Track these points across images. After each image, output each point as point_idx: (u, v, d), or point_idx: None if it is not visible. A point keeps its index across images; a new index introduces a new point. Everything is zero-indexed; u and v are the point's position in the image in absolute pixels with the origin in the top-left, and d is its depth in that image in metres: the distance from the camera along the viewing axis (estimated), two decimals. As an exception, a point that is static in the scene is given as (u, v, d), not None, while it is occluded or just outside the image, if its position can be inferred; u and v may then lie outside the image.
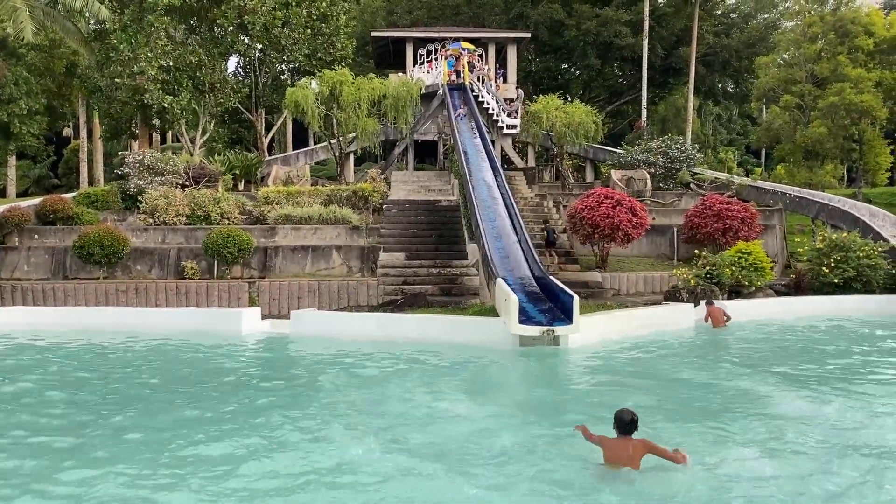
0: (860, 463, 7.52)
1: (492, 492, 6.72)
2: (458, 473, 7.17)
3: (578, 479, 7.06)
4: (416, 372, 12.60)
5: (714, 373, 12.65)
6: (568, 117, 31.44)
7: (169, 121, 33.68)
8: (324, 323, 17.34)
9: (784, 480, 7.06)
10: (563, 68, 54.13)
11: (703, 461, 7.50)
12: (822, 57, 38.16)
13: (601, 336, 15.66)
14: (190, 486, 6.86)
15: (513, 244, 20.65)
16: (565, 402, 10.79)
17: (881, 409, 9.88)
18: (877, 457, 7.74)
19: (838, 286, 21.41)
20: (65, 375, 12.64)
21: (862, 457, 7.73)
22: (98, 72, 33.17)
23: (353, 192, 26.77)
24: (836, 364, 13.23)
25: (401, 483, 6.94)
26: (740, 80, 54.76)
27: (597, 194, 23.30)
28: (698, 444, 8.13)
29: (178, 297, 21.29)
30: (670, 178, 31.38)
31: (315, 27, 37.59)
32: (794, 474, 7.23)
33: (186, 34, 35.42)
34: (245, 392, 11.08)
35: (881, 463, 7.54)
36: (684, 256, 24.26)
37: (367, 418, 9.33)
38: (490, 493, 6.68)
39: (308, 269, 23.08)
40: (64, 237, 23.92)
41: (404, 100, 30.74)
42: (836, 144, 37.33)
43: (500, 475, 7.14)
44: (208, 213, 25.03)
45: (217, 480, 7.02)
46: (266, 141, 41.89)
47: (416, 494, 6.71)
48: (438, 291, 21.18)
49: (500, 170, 25.67)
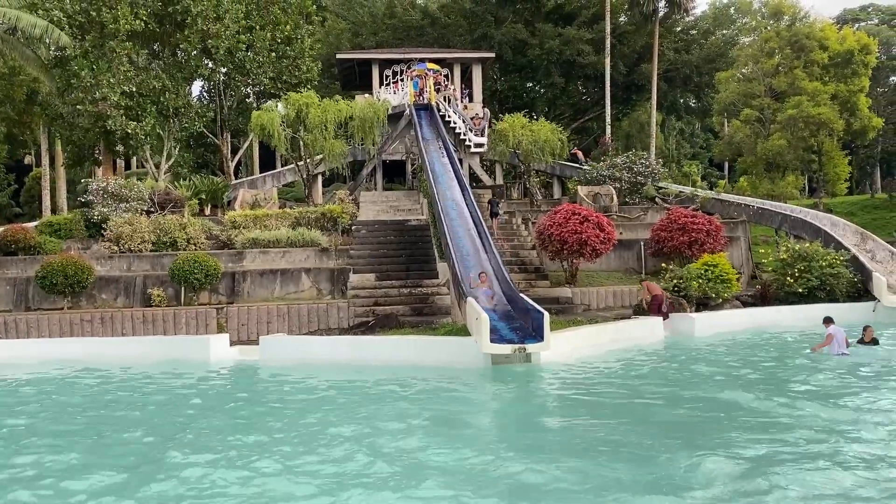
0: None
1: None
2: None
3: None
4: (385, 402, 12.05)
5: (685, 386, 12.76)
6: (534, 135, 31.69)
7: (133, 146, 33.27)
8: (293, 348, 17.16)
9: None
10: (527, 87, 54.66)
11: (673, 473, 7.54)
12: (779, 71, 39.10)
13: (573, 352, 15.74)
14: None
15: (483, 262, 20.69)
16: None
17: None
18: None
19: (803, 295, 21.80)
20: (14, 409, 12.25)
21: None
22: (59, 98, 32.71)
23: (321, 214, 26.64)
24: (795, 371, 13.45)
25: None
26: (701, 94, 55.79)
27: (564, 210, 23.49)
28: (669, 457, 8.18)
29: (145, 325, 20.94)
30: (636, 192, 31.75)
31: (280, 50, 37.55)
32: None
33: (149, 59, 35.13)
34: (197, 423, 10.82)
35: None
36: (652, 270, 24.52)
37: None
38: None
39: (277, 293, 22.88)
40: (26, 267, 23.41)
41: (371, 121, 30.76)
42: (796, 156, 38.18)
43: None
44: (174, 239, 24.72)
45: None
46: (232, 164, 41.59)
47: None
48: (410, 311, 21.11)
49: (468, 188, 25.77)
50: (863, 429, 9.37)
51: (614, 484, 7.31)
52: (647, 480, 7.41)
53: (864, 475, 7.44)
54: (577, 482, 7.41)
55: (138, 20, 31.37)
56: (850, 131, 39.58)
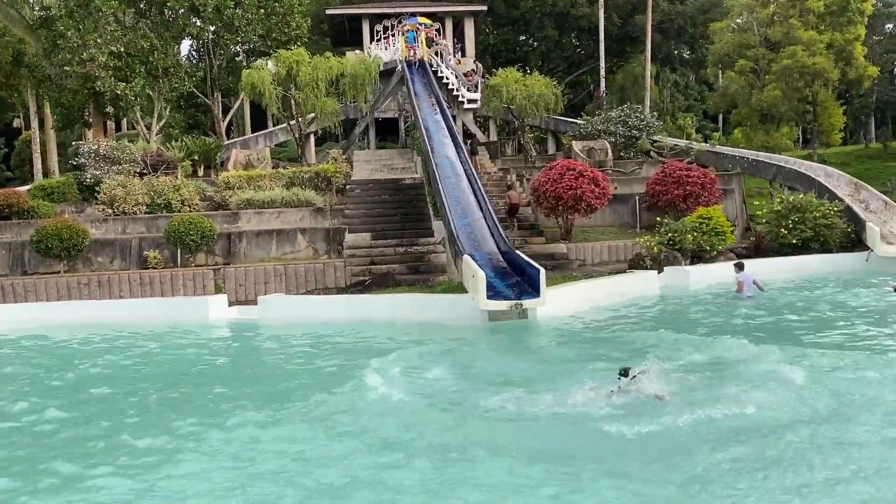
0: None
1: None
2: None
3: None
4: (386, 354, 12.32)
5: (682, 336, 12.91)
6: (528, 90, 31.40)
7: (123, 108, 32.88)
8: (291, 307, 17.30)
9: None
10: (520, 40, 53.95)
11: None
12: (774, 21, 38.65)
13: (569, 307, 15.88)
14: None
15: (478, 220, 20.70)
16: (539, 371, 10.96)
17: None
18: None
19: (797, 246, 21.94)
20: (19, 376, 12.36)
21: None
22: (46, 60, 32.19)
23: (315, 174, 26.54)
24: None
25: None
26: (696, 46, 55.17)
27: (559, 166, 23.44)
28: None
29: (143, 287, 21.00)
30: (631, 146, 31.66)
31: (268, 7, 36.88)
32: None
33: (136, 18, 34.48)
34: (206, 385, 10.96)
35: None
36: (647, 224, 24.61)
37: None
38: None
39: (273, 254, 22.92)
40: (20, 231, 23.35)
41: (363, 78, 30.40)
42: (791, 107, 37.99)
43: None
44: (168, 200, 24.62)
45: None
46: (224, 125, 41.18)
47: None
48: (406, 270, 21.21)
49: (462, 145, 25.62)
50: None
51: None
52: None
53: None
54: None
55: (123, -22, 30.77)
56: (845, 81, 39.31)
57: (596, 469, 6.69)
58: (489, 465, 6.87)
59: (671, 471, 6.57)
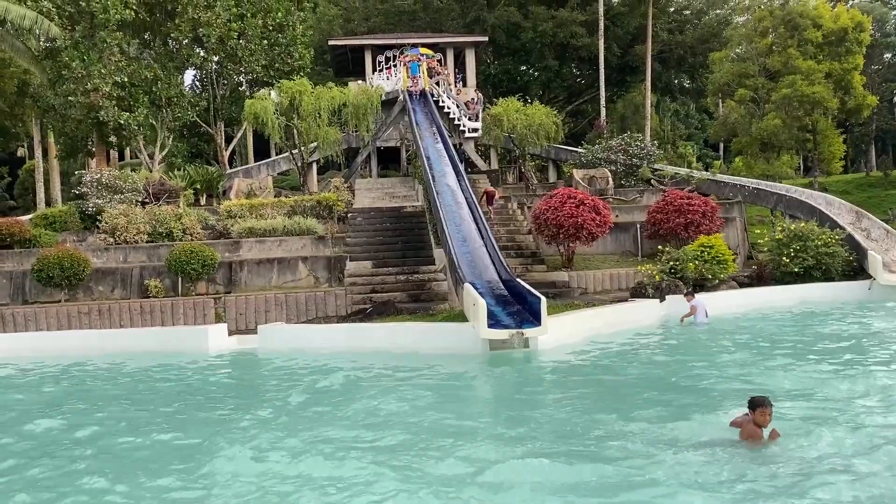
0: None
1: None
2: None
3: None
4: (382, 389, 12.01)
5: (681, 368, 12.82)
6: (528, 119, 31.61)
7: (126, 137, 33.12)
8: (291, 336, 17.21)
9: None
10: (521, 70, 54.45)
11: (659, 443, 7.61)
12: (773, 50, 38.92)
13: (570, 336, 15.78)
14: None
15: (479, 248, 20.71)
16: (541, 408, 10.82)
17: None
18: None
19: (799, 275, 21.87)
20: (13, 403, 12.26)
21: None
22: (51, 90, 32.52)
23: (317, 202, 26.60)
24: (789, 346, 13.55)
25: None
26: (696, 75, 55.60)
27: (560, 194, 23.48)
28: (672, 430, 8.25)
29: (143, 316, 20.94)
30: (631, 175, 31.72)
31: (272, 38, 37.31)
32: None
33: (140, 49, 34.92)
34: (194, 414, 10.80)
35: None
36: (648, 252, 24.55)
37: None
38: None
39: (274, 282, 22.89)
40: (22, 261, 23.37)
41: (365, 107, 30.66)
42: (791, 135, 38.10)
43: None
44: (170, 229, 24.67)
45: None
46: (227, 154, 41.43)
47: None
48: (407, 298, 21.14)
49: (463, 174, 25.73)
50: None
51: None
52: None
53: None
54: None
55: (128, 9, 31.10)
56: (844, 110, 39.47)
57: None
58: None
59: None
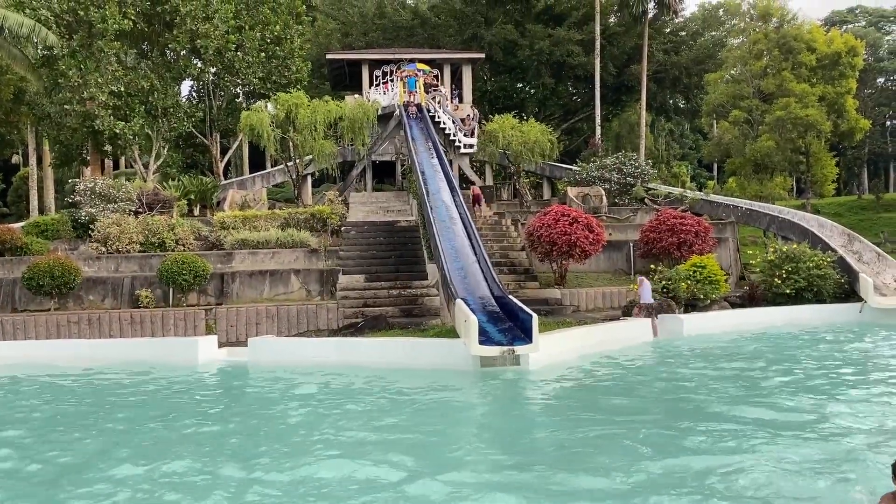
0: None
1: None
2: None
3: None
4: (368, 407, 11.97)
5: (672, 387, 12.80)
6: (524, 136, 31.73)
7: (121, 146, 33.11)
8: (282, 350, 17.12)
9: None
10: (517, 87, 54.75)
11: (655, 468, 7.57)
12: (767, 73, 39.29)
13: (561, 354, 15.75)
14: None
15: (472, 263, 20.68)
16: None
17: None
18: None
19: (790, 296, 21.90)
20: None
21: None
22: (47, 98, 32.52)
23: (311, 215, 26.58)
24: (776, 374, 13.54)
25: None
26: (690, 96, 56.02)
27: (554, 212, 23.52)
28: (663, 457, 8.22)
29: (133, 326, 20.82)
30: (625, 193, 31.83)
31: (269, 50, 37.44)
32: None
33: (138, 59, 34.95)
34: (173, 432, 10.67)
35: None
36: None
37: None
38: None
39: (266, 294, 22.81)
40: (13, 268, 23.22)
41: (361, 121, 30.72)
42: (784, 157, 38.38)
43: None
44: (163, 239, 24.59)
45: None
46: (222, 165, 41.41)
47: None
48: (399, 313, 21.09)
49: (457, 189, 25.75)
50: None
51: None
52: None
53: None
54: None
55: (127, 20, 31.20)
56: (837, 133, 39.83)
57: None
58: None
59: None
